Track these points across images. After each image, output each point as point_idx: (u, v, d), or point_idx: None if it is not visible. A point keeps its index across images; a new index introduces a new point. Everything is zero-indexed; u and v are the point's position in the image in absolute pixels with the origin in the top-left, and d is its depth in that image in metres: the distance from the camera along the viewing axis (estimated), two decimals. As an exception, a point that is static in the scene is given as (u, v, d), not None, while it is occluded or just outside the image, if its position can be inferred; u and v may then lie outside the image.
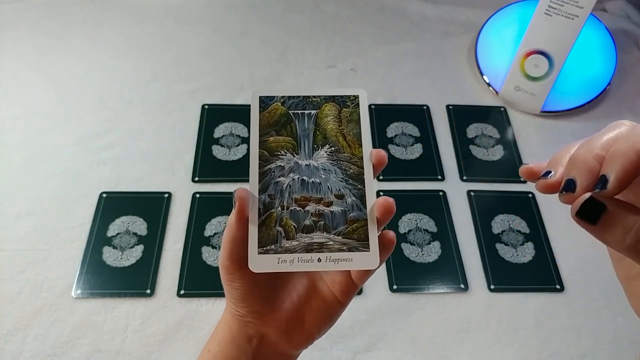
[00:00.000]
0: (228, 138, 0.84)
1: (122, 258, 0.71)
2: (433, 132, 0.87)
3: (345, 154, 0.37)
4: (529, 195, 0.80)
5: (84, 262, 0.70)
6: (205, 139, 0.84)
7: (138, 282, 0.69)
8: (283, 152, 0.37)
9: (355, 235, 0.35)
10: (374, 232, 0.35)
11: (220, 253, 0.36)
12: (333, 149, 0.37)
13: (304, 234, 0.35)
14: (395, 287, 0.70)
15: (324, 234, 0.35)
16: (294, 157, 0.37)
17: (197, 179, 0.79)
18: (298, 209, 0.36)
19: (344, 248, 0.34)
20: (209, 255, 0.71)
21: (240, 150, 0.83)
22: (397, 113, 0.89)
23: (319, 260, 0.34)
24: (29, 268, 0.69)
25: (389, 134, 0.86)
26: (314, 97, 0.39)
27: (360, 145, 0.37)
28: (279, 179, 0.36)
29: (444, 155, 0.84)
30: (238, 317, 0.38)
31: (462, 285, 0.70)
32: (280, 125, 0.38)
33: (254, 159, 0.37)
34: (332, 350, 0.65)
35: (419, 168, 0.83)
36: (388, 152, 0.84)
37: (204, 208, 0.76)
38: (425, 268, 0.72)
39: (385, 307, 0.68)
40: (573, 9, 0.80)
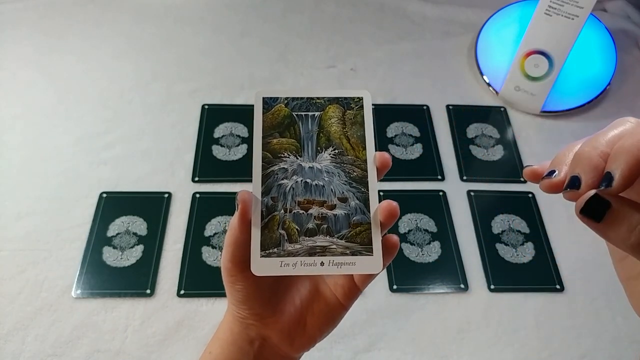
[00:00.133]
0: (228, 138, 0.84)
1: (122, 258, 0.71)
2: (433, 132, 0.87)
3: (349, 157, 0.37)
4: (529, 195, 0.80)
5: (84, 262, 0.70)
6: (205, 139, 0.83)
7: (138, 282, 0.69)
8: (286, 154, 0.37)
9: (359, 239, 0.35)
10: (378, 236, 0.35)
11: (223, 255, 0.36)
12: (337, 152, 0.37)
13: (307, 238, 0.35)
14: (395, 287, 0.70)
15: (327, 238, 0.35)
16: (298, 159, 0.37)
17: (197, 179, 0.79)
18: (301, 212, 0.35)
19: (347, 252, 0.34)
20: (209, 255, 0.71)
21: (240, 150, 0.83)
22: (397, 113, 0.89)
23: (322, 264, 0.34)
24: (29, 268, 0.69)
25: (389, 134, 0.86)
26: (318, 98, 0.38)
27: (364, 148, 0.37)
28: (282, 182, 0.36)
29: (444, 155, 0.84)
30: (240, 319, 0.38)
31: (462, 285, 0.70)
32: (284, 127, 0.37)
33: (257, 161, 0.36)
34: (332, 351, 0.65)
35: (419, 168, 0.83)
36: (388, 152, 0.83)
37: (204, 208, 0.76)
38: (425, 268, 0.72)
39: (385, 307, 0.69)
40: (573, 9, 0.80)
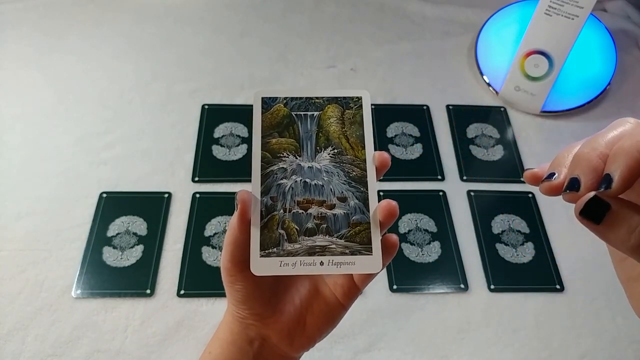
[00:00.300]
0: (228, 138, 0.84)
1: (122, 258, 0.71)
2: (433, 132, 0.87)
3: (348, 157, 0.37)
4: (529, 195, 0.80)
5: (84, 262, 0.70)
6: (205, 139, 0.83)
7: (138, 282, 0.69)
8: (285, 154, 0.37)
9: (358, 239, 0.35)
10: (377, 235, 0.35)
11: (222, 255, 0.36)
12: (336, 151, 0.37)
13: (307, 237, 0.35)
14: (395, 287, 0.70)
15: (327, 237, 0.35)
16: (297, 159, 0.37)
17: (197, 179, 0.79)
18: (300, 212, 0.35)
19: (347, 251, 0.34)
20: (209, 255, 0.71)
21: (240, 150, 0.83)
22: (397, 113, 0.89)
23: (322, 264, 0.34)
24: (29, 268, 0.69)
25: (389, 134, 0.86)
26: (317, 98, 0.39)
27: (363, 148, 0.37)
28: (282, 181, 0.36)
29: (444, 155, 0.84)
30: (239, 319, 0.38)
31: (462, 285, 0.70)
32: (283, 127, 0.37)
33: (256, 161, 0.36)
34: (332, 351, 0.65)
35: (419, 168, 0.83)
36: (388, 152, 0.83)
37: (204, 208, 0.76)
38: (425, 268, 0.72)
39: (385, 307, 0.68)
40: (573, 9, 0.80)
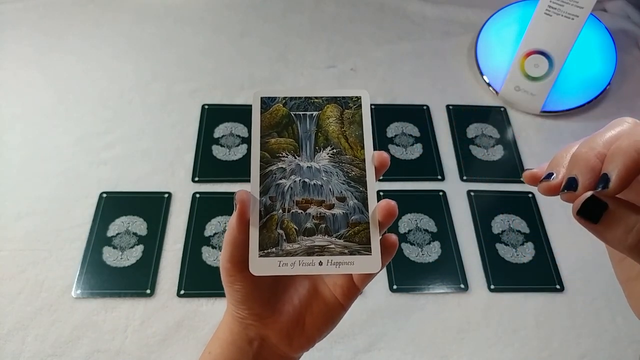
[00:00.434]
0: (228, 138, 0.84)
1: (122, 258, 0.71)
2: (433, 132, 0.87)
3: (347, 156, 0.37)
4: (529, 195, 0.80)
5: (84, 262, 0.70)
6: (205, 139, 0.83)
7: (138, 282, 0.69)
8: (284, 154, 0.37)
9: (357, 239, 0.35)
10: (376, 235, 0.35)
11: (221, 255, 0.36)
12: (335, 151, 0.37)
13: (306, 237, 0.35)
14: (395, 287, 0.70)
15: (326, 237, 0.35)
16: (296, 159, 0.37)
17: (197, 179, 0.79)
18: (299, 212, 0.35)
19: (346, 251, 0.34)
20: (209, 255, 0.71)
21: (240, 150, 0.83)
22: (397, 113, 0.89)
23: (320, 264, 0.34)
24: (29, 268, 0.69)
25: (389, 134, 0.86)
26: (316, 98, 0.38)
27: (363, 147, 0.37)
28: (280, 181, 0.36)
29: (444, 155, 0.84)
30: (239, 319, 0.38)
31: (462, 285, 0.70)
32: (282, 127, 0.37)
33: (255, 161, 0.36)
34: (332, 351, 0.65)
35: (419, 168, 0.82)
36: (388, 152, 0.83)
37: (204, 208, 0.76)
38: (425, 268, 0.72)
39: (385, 307, 0.68)
40: (573, 9, 0.80)
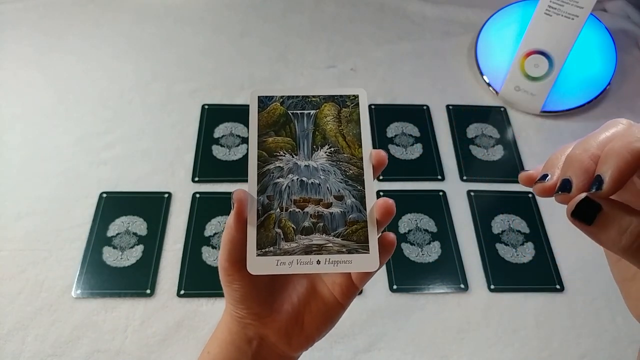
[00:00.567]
0: (228, 138, 0.84)
1: (122, 258, 0.71)
2: (433, 132, 0.87)
3: (345, 155, 0.37)
4: (529, 195, 0.79)
5: (84, 262, 0.70)
6: (205, 139, 0.83)
7: (138, 282, 0.69)
8: (282, 152, 0.37)
9: (355, 237, 0.34)
10: (374, 233, 0.34)
11: (220, 254, 0.36)
12: (332, 150, 0.37)
13: (303, 236, 0.35)
14: (395, 287, 0.70)
15: (323, 236, 0.35)
16: (293, 157, 0.36)
17: (197, 179, 0.79)
18: (297, 211, 0.35)
19: (344, 250, 0.34)
20: (209, 255, 0.71)
21: (240, 150, 0.83)
22: (397, 113, 0.89)
23: (318, 263, 0.34)
24: (29, 268, 0.69)
25: (389, 134, 0.86)
26: (313, 97, 0.38)
27: (360, 146, 0.37)
28: (278, 180, 0.36)
29: (444, 155, 0.84)
30: (237, 318, 0.38)
31: (462, 285, 0.70)
32: (279, 126, 0.37)
33: (253, 160, 0.36)
34: (332, 351, 0.65)
35: (419, 168, 0.82)
36: (388, 152, 0.84)
37: (204, 208, 0.76)
38: (425, 268, 0.72)
39: (385, 307, 0.68)
40: (573, 9, 0.80)
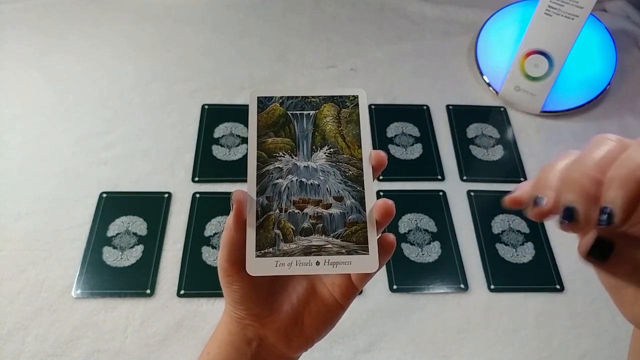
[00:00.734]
0: (228, 138, 0.84)
1: (122, 258, 0.71)
2: (433, 132, 0.87)
3: (345, 155, 0.36)
4: (529, 196, 0.79)
5: (84, 262, 0.70)
6: (205, 139, 0.83)
7: (138, 282, 0.69)
8: (281, 153, 0.36)
9: (354, 238, 0.34)
10: (373, 234, 0.34)
11: (219, 255, 0.36)
12: (332, 150, 0.37)
13: (303, 237, 0.34)
14: (395, 287, 0.70)
15: (323, 237, 0.34)
16: (293, 158, 0.36)
17: (197, 179, 0.79)
18: (296, 212, 0.35)
19: (343, 251, 0.34)
20: (209, 255, 0.71)
21: (240, 150, 0.83)
22: (397, 113, 0.89)
23: (318, 264, 0.34)
24: (29, 268, 0.69)
25: (389, 134, 0.86)
26: (313, 97, 0.38)
27: (360, 147, 0.37)
28: (277, 181, 0.36)
29: (444, 155, 0.84)
30: (237, 319, 0.38)
31: (462, 285, 0.70)
32: (279, 126, 0.37)
33: (252, 161, 0.36)
34: (332, 351, 0.65)
35: (419, 168, 0.82)
36: (388, 152, 0.84)
37: (204, 208, 0.76)
38: (425, 268, 0.72)
39: (385, 307, 0.68)
40: (573, 9, 0.80)
